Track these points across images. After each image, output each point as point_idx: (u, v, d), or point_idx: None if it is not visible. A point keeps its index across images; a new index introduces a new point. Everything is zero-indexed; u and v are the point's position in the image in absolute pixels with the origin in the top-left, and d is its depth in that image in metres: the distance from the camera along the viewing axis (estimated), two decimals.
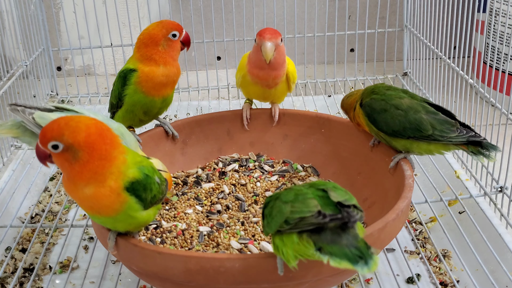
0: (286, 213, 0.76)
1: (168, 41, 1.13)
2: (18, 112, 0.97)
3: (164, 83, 1.14)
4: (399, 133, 1.03)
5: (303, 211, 0.74)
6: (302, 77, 1.91)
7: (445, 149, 1.04)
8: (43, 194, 1.40)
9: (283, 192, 0.82)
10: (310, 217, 0.73)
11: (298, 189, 0.80)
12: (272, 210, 0.80)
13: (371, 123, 1.06)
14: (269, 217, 0.80)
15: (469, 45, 1.46)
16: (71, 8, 1.99)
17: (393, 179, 1.05)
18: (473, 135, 1.01)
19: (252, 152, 1.29)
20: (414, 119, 1.02)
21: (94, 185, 0.79)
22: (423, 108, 1.03)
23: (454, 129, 1.01)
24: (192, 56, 2.16)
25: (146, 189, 0.84)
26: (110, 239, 0.87)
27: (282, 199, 0.79)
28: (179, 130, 1.25)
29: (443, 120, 1.02)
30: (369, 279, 1.08)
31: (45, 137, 0.77)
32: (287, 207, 0.76)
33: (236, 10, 2.03)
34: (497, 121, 1.30)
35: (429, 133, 1.01)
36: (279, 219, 0.76)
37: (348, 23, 1.99)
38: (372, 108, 1.06)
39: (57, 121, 0.77)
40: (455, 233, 1.15)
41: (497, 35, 1.69)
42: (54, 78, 1.88)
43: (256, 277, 0.81)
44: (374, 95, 1.07)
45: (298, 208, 0.75)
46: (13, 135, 1.00)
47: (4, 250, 1.21)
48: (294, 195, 0.79)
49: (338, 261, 0.70)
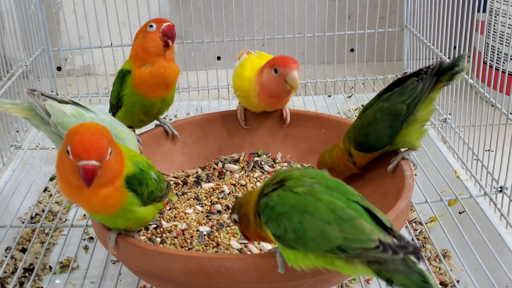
0: (338, 239, 0.69)
1: (145, 33, 1.11)
2: (33, 96, 1.01)
3: (155, 84, 1.13)
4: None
5: (362, 240, 0.69)
6: (302, 77, 1.91)
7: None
8: (43, 194, 1.40)
9: (303, 203, 0.74)
10: (375, 249, 0.68)
11: (330, 202, 0.73)
12: (302, 228, 0.72)
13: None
14: (299, 235, 0.72)
15: (469, 45, 1.46)
16: (71, 8, 1.99)
17: (393, 179, 1.05)
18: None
19: (252, 152, 1.29)
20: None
21: (109, 185, 0.79)
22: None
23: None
24: (192, 56, 2.16)
25: (142, 184, 0.84)
26: (110, 239, 0.87)
27: (316, 215, 0.72)
28: (179, 130, 1.25)
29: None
30: (369, 279, 1.08)
31: (105, 148, 0.74)
32: (333, 231, 0.70)
33: (236, 10, 2.03)
34: (497, 121, 1.30)
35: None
36: (324, 244, 0.70)
37: (348, 23, 1.99)
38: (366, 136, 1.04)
39: (89, 132, 0.75)
40: (455, 233, 1.15)
41: (497, 35, 1.69)
42: (54, 78, 1.88)
43: (256, 277, 0.81)
44: (356, 135, 1.05)
45: (352, 235, 0.69)
46: (24, 116, 1.03)
47: (4, 250, 1.21)
48: (330, 211, 0.72)
49: None
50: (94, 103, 1.85)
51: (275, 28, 1.85)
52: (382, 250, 0.68)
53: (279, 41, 1.95)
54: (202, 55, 2.13)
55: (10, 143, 1.51)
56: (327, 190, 0.75)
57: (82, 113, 1.01)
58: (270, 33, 1.99)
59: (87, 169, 0.73)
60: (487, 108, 1.30)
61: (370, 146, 1.04)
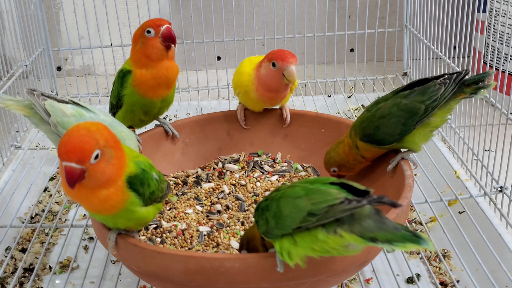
0: (307, 206, 0.72)
1: (144, 39, 1.10)
2: (33, 96, 1.01)
3: (156, 85, 1.13)
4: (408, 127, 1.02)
5: (328, 200, 0.71)
6: (302, 77, 1.91)
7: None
8: (43, 194, 1.40)
9: (282, 191, 0.78)
10: (340, 204, 0.69)
11: (303, 185, 0.76)
12: (278, 210, 0.76)
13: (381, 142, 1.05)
14: (277, 218, 0.76)
15: (469, 45, 1.46)
16: (71, 8, 1.99)
17: (393, 179, 1.05)
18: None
19: (252, 152, 1.29)
20: (404, 108, 1.00)
21: (109, 185, 0.79)
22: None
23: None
24: (192, 56, 2.16)
25: (144, 184, 0.84)
26: (110, 239, 0.87)
27: (289, 195, 0.75)
28: (179, 130, 1.25)
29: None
30: (369, 279, 1.08)
31: (86, 151, 0.73)
32: (303, 201, 0.73)
33: (236, 10, 2.03)
34: (497, 121, 1.30)
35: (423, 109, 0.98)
36: (297, 215, 0.73)
37: (348, 23, 1.99)
38: (373, 129, 1.04)
39: (77, 133, 0.74)
40: (455, 233, 1.15)
41: (497, 35, 1.69)
42: (54, 78, 1.88)
43: (256, 277, 0.81)
44: (364, 126, 1.05)
45: (319, 199, 0.72)
46: (24, 114, 1.03)
47: (4, 250, 1.21)
48: (303, 190, 0.75)
49: (402, 246, 0.67)
50: (94, 103, 1.85)
51: (275, 28, 1.85)
52: (347, 203, 0.70)
53: (279, 41, 1.94)
54: (202, 55, 2.13)
55: (10, 143, 1.51)
56: (308, 182, 0.78)
57: (82, 113, 1.01)
58: (270, 33, 1.99)
59: (67, 171, 0.73)
60: (487, 108, 1.30)
61: (379, 140, 1.03)
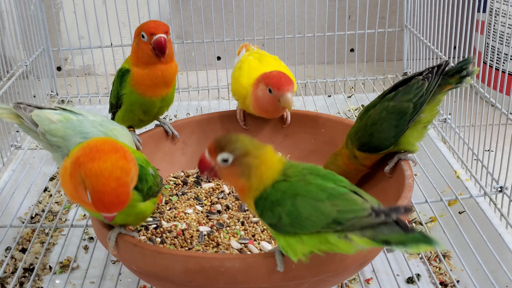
0: (332, 213, 0.72)
1: (138, 40, 1.11)
2: (20, 109, 1.00)
3: (154, 84, 1.12)
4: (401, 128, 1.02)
5: (356, 210, 0.72)
6: (302, 77, 1.91)
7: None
8: (43, 194, 1.40)
9: (293, 185, 0.77)
10: (367, 217, 0.71)
11: (317, 183, 0.76)
12: (295, 209, 0.75)
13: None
14: (294, 217, 0.75)
15: (469, 45, 1.46)
16: (71, 8, 1.99)
17: (393, 179, 1.05)
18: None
19: None
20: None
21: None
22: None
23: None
24: (192, 56, 2.16)
25: (142, 180, 0.85)
26: (110, 239, 0.88)
27: (308, 195, 0.75)
28: (179, 130, 1.25)
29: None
30: (369, 279, 1.08)
31: (123, 204, 0.76)
32: (326, 206, 0.73)
33: (236, 10, 2.03)
34: (497, 121, 1.30)
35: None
36: (319, 220, 0.73)
37: (348, 23, 1.99)
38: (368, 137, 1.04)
39: (107, 187, 0.74)
40: (455, 233, 1.15)
41: (497, 35, 1.69)
42: (54, 78, 1.88)
43: (256, 277, 0.81)
44: (359, 136, 1.05)
45: (345, 207, 0.72)
46: (16, 122, 1.02)
47: (4, 250, 1.21)
48: (322, 191, 0.75)
49: (416, 247, 0.68)
50: (94, 103, 1.85)
51: (275, 28, 1.85)
52: (375, 216, 0.71)
53: (279, 41, 1.95)
54: (202, 55, 2.13)
55: (10, 143, 1.51)
56: (318, 177, 0.78)
57: (69, 117, 0.99)
58: (270, 33, 1.99)
59: (108, 218, 0.77)
60: (487, 108, 1.30)
61: (375, 146, 1.03)
